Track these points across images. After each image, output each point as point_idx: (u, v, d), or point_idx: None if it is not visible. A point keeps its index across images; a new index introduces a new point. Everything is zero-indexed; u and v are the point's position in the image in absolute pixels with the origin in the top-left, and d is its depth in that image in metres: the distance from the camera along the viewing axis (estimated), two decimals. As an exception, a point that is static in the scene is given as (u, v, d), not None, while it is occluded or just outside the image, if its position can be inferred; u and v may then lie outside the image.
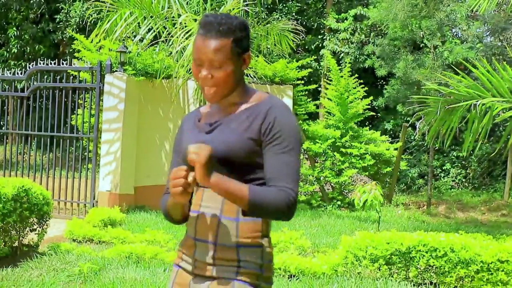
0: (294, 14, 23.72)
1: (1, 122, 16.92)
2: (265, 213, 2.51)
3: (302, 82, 16.77)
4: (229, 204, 2.59)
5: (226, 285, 2.58)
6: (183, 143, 2.75)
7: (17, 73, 13.77)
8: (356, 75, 17.34)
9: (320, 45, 24.16)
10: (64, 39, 25.24)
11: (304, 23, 24.05)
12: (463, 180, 22.13)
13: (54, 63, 13.24)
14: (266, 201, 2.48)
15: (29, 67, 13.52)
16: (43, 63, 13.33)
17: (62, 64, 13.22)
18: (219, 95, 2.64)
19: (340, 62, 21.95)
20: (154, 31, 12.45)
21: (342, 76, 16.58)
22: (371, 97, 17.56)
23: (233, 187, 2.48)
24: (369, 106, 17.36)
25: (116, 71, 13.41)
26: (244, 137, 2.58)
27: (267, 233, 2.66)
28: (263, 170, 2.61)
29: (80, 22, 22.66)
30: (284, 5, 23.66)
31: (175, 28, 11.80)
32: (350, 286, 7.00)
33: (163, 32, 12.56)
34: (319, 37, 24.48)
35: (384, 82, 23.56)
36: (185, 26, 11.64)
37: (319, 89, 22.88)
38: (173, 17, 12.26)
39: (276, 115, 2.59)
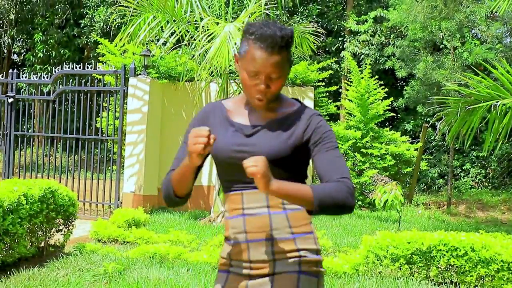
0: (314, 16, 23.66)
1: (28, 125, 17.03)
2: (331, 207, 2.54)
3: (323, 84, 16.75)
4: (273, 200, 2.65)
5: (290, 280, 2.63)
6: (220, 140, 2.71)
7: (43, 77, 13.86)
8: (376, 77, 17.29)
9: (341, 47, 24.10)
10: (89, 43, 25.38)
11: (325, 25, 23.99)
12: (483, 179, 21.97)
13: (79, 67, 13.31)
14: (331, 195, 2.52)
15: (55, 71, 13.60)
16: (69, 67, 13.42)
17: (87, 68, 13.29)
18: (267, 104, 2.69)
19: (361, 63, 21.88)
20: (177, 34, 12.48)
21: (362, 78, 16.53)
22: (392, 98, 17.49)
23: (296, 190, 2.50)
24: (389, 107, 17.29)
25: (140, 74, 13.46)
26: (289, 143, 2.64)
27: (311, 219, 2.73)
28: (304, 167, 2.73)
29: (104, 27, 22.77)
30: (305, 7, 23.62)
31: (198, 31, 11.82)
32: (371, 285, 6.98)
33: (185, 36, 12.59)
34: (340, 39, 24.42)
35: (404, 83, 23.46)
36: (207, 30, 11.65)
37: (340, 90, 22.83)
38: (195, 21, 12.29)
39: (319, 120, 2.70)
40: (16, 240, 7.43)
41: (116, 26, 14.32)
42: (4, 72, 15.01)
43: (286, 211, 2.66)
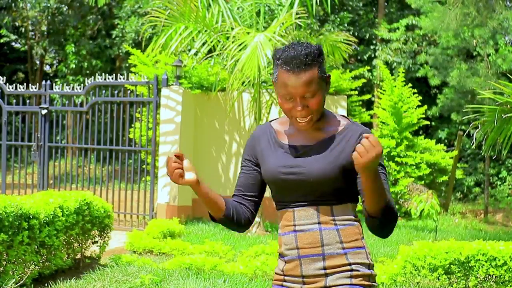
0: (346, 25, 23.63)
1: (61, 136, 17.21)
2: (389, 219, 2.64)
3: (356, 92, 16.72)
4: (324, 216, 2.72)
5: None
6: (270, 161, 2.81)
7: (76, 89, 14.00)
8: (410, 85, 17.22)
9: (373, 55, 24.03)
10: (120, 54, 25.58)
11: (356, 33, 23.95)
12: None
13: (112, 78, 13.43)
14: (394, 206, 2.64)
15: (88, 82, 13.73)
16: (101, 78, 13.55)
17: (119, 79, 13.40)
18: (313, 122, 2.73)
19: (393, 71, 21.80)
20: (208, 45, 12.54)
21: (395, 86, 16.48)
22: (425, 106, 17.40)
23: (381, 184, 2.57)
24: (423, 115, 17.20)
25: (172, 84, 13.54)
26: (337, 163, 2.69)
27: (363, 235, 2.79)
28: (354, 185, 2.75)
29: (136, 37, 22.94)
30: (336, 16, 23.61)
31: (229, 41, 11.87)
32: (410, 296, 6.95)
33: (217, 46, 12.65)
34: (371, 47, 24.35)
35: (437, 91, 23.32)
36: (238, 39, 11.69)
37: (373, 99, 22.75)
38: (227, 30, 12.34)
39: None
40: (53, 252, 7.50)
41: (147, 37, 14.42)
42: (38, 84, 15.13)
43: (337, 226, 2.72)
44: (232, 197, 2.95)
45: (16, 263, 6.79)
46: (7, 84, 14.54)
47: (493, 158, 19.90)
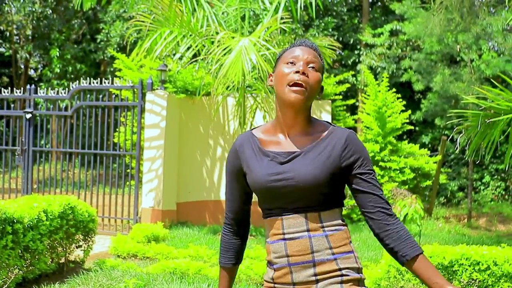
0: (330, 30, 23.70)
1: (46, 141, 17.13)
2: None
3: (340, 97, 16.75)
4: (313, 223, 2.71)
5: None
6: (256, 170, 2.79)
7: (61, 93, 13.95)
8: (394, 90, 17.27)
9: (357, 60, 24.11)
10: (105, 58, 25.53)
11: (341, 38, 24.03)
12: (503, 192, 21.87)
13: (97, 82, 13.40)
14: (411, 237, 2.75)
15: (72, 87, 13.69)
16: (86, 83, 13.50)
17: (104, 83, 13.37)
18: (304, 99, 2.70)
19: (377, 76, 21.87)
20: (193, 49, 12.54)
21: (379, 91, 16.52)
22: (409, 111, 17.46)
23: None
24: (407, 120, 17.26)
25: (157, 89, 13.52)
26: (325, 167, 2.69)
27: (351, 238, 2.81)
28: (342, 188, 2.80)
29: (121, 42, 22.90)
30: (321, 21, 23.66)
31: (214, 45, 11.87)
32: (393, 300, 6.96)
33: (202, 50, 12.65)
34: (356, 52, 24.43)
35: (421, 96, 23.42)
36: (223, 44, 11.69)
37: (357, 104, 22.81)
38: (212, 35, 12.34)
39: (356, 143, 2.74)
40: (37, 257, 7.47)
41: (132, 41, 14.39)
42: (22, 88, 15.07)
43: (325, 232, 2.72)
44: (224, 223, 3.04)
45: (-1, 267, 6.76)
46: (-9, 88, 14.48)
47: (477, 163, 20.01)
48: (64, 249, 8.29)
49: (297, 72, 2.68)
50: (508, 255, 7.15)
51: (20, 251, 7.07)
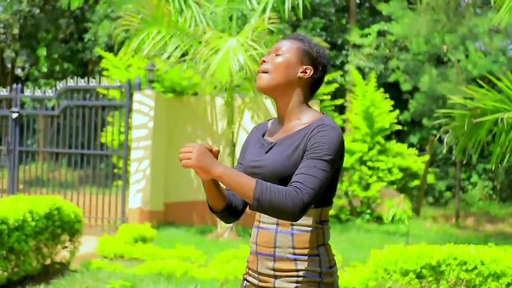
0: (318, 30, 23.70)
1: (32, 140, 17.04)
2: (270, 209, 2.52)
3: (329, 97, 16.75)
4: None
5: None
6: (246, 156, 2.85)
7: (48, 92, 13.87)
8: (382, 90, 17.28)
9: (345, 61, 24.12)
10: (93, 57, 25.44)
11: (329, 39, 24.03)
12: (491, 192, 21.92)
13: (84, 82, 13.34)
14: (274, 196, 2.50)
15: (59, 86, 13.63)
16: (73, 82, 13.44)
17: (91, 82, 13.31)
18: (266, 83, 2.76)
19: (365, 76, 21.88)
20: (181, 49, 12.49)
21: (367, 91, 16.52)
22: (397, 111, 17.48)
23: (241, 180, 2.53)
24: (395, 120, 17.27)
25: (145, 88, 13.46)
26: (292, 158, 2.65)
27: (323, 241, 2.73)
28: None
29: (109, 41, 22.82)
30: (309, 21, 23.65)
31: (202, 45, 11.82)
32: (381, 300, 6.93)
33: (190, 50, 12.60)
34: (343, 52, 24.44)
35: (410, 96, 23.45)
36: (211, 44, 11.64)
37: (345, 104, 22.81)
38: (200, 35, 12.29)
39: (321, 130, 2.63)
40: (22, 258, 7.40)
41: (120, 41, 14.33)
42: (9, 87, 14.97)
43: (293, 231, 2.68)
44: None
45: (-16, 269, 6.69)
46: (-22, 87, 14.39)
47: (464, 162, 20.05)
48: (50, 250, 8.21)
49: (261, 61, 2.80)
50: (495, 254, 7.14)
51: (5, 252, 7.01)
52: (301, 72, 2.77)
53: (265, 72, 2.76)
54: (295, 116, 2.78)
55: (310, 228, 2.68)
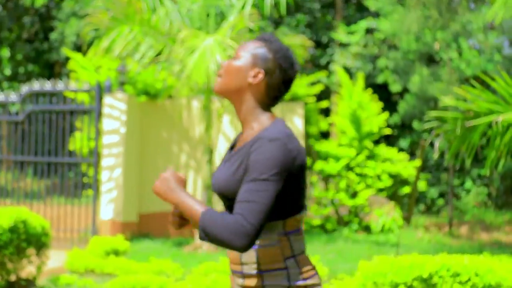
0: (302, 27, 23.77)
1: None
2: (218, 244, 2.59)
3: (314, 99, 16.78)
4: None
5: None
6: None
7: (11, 96, 13.82)
8: (370, 91, 17.32)
9: (330, 60, 24.19)
10: (60, 58, 25.36)
11: (314, 37, 24.10)
12: (486, 199, 22.02)
13: (51, 85, 13.30)
14: (218, 234, 2.56)
15: (24, 90, 13.58)
16: (38, 85, 13.40)
17: (59, 85, 13.27)
18: (217, 88, 2.85)
19: (352, 77, 21.95)
20: (155, 48, 12.48)
21: (354, 93, 16.55)
22: (387, 114, 17.52)
23: (192, 210, 2.62)
24: (384, 123, 17.30)
25: (116, 91, 13.45)
26: (236, 176, 2.70)
27: (291, 254, 2.74)
28: None
29: (76, 41, 22.76)
30: (292, 17, 23.72)
31: (177, 45, 11.83)
32: (370, 315, 6.97)
33: (165, 50, 12.59)
34: (329, 51, 24.51)
35: (400, 98, 23.53)
36: (186, 43, 11.65)
37: (331, 106, 22.86)
38: (175, 33, 12.30)
39: (257, 148, 2.66)
40: (-15, 273, 7.38)
41: (89, 41, 14.32)
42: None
43: (255, 246, 2.72)
44: None
45: None
46: None
47: (457, 168, 20.16)
48: (15, 265, 8.19)
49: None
50: (490, 265, 7.20)
51: (-34, 267, 6.99)
52: (252, 77, 2.80)
53: (220, 76, 2.84)
54: (249, 124, 2.82)
55: (274, 242, 2.72)
